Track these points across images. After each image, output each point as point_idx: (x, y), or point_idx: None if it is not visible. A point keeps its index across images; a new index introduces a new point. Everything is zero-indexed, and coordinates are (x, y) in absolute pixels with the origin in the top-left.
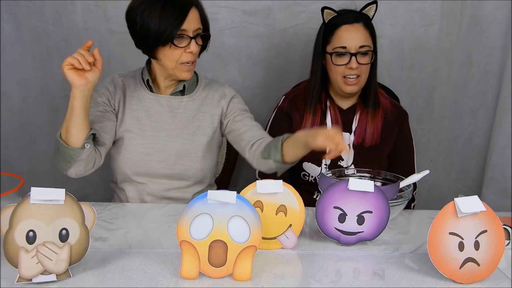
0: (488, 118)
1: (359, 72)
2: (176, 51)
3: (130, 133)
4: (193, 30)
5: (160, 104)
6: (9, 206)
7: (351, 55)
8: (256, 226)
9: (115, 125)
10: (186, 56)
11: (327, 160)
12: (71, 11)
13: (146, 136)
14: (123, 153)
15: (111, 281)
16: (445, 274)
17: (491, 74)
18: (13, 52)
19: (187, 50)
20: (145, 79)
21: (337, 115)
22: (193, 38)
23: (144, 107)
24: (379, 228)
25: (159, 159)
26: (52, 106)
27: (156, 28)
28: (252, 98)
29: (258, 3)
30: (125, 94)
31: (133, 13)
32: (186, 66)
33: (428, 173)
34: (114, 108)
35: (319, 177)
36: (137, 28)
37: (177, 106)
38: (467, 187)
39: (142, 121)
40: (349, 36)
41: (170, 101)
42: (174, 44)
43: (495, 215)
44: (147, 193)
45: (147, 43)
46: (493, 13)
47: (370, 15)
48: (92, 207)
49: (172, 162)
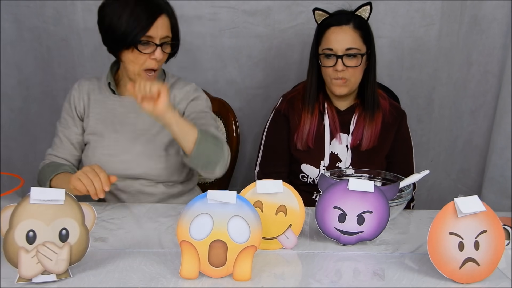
0: (488, 118)
1: (346, 75)
2: (140, 56)
3: (95, 136)
4: (160, 37)
5: (123, 105)
6: (9, 206)
7: (337, 58)
8: (256, 226)
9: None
10: (150, 62)
11: (325, 162)
12: (72, 11)
13: (111, 138)
14: (89, 156)
15: (111, 281)
16: (445, 274)
17: (491, 74)
18: (13, 52)
19: (152, 56)
20: (108, 82)
21: (334, 116)
22: (159, 46)
23: (107, 110)
24: (379, 228)
25: (122, 160)
26: (53, 106)
27: (122, 30)
28: (252, 98)
29: (258, 3)
30: (90, 98)
31: (105, 10)
32: (148, 75)
33: (428, 173)
34: (79, 115)
35: (319, 177)
36: (105, 26)
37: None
38: (467, 187)
39: (106, 124)
40: (335, 38)
41: (133, 103)
42: (138, 50)
43: (495, 215)
44: (121, 191)
45: (112, 43)
46: (493, 13)
47: (364, 16)
48: (92, 207)
49: (135, 163)
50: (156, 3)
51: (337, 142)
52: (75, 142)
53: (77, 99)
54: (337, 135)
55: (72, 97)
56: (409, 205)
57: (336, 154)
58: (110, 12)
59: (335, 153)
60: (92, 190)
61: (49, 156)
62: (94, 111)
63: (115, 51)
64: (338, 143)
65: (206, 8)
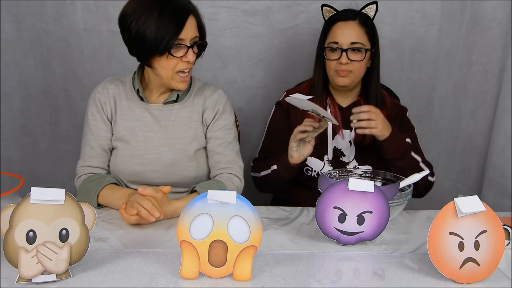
0: (488, 118)
1: (351, 68)
2: (172, 60)
3: (123, 143)
4: (190, 38)
5: (151, 113)
6: (9, 206)
7: (342, 51)
8: (256, 226)
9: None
10: (182, 64)
11: (329, 156)
12: (71, 11)
13: (140, 146)
14: (118, 164)
15: (111, 281)
16: (445, 274)
17: (491, 74)
18: (13, 52)
19: (184, 59)
20: (136, 89)
21: (337, 113)
22: (190, 47)
23: (135, 117)
24: (379, 228)
25: (153, 169)
26: (53, 106)
27: (152, 37)
28: (252, 98)
29: (258, 3)
30: (116, 102)
31: (128, 19)
32: (181, 77)
33: (428, 173)
34: (108, 118)
35: (319, 177)
36: (132, 35)
37: (169, 115)
38: (467, 187)
39: (135, 131)
40: (341, 32)
41: (161, 110)
42: (171, 54)
43: (495, 215)
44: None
45: (142, 51)
46: (493, 13)
47: (370, 15)
48: (92, 207)
49: (166, 172)
50: (183, 5)
51: (339, 138)
52: (107, 149)
53: (103, 102)
54: (339, 131)
55: (98, 101)
56: (430, 183)
57: (339, 149)
58: (135, 20)
59: (338, 148)
60: (144, 213)
61: (83, 168)
62: (121, 117)
63: (145, 59)
64: (341, 138)
65: (206, 8)
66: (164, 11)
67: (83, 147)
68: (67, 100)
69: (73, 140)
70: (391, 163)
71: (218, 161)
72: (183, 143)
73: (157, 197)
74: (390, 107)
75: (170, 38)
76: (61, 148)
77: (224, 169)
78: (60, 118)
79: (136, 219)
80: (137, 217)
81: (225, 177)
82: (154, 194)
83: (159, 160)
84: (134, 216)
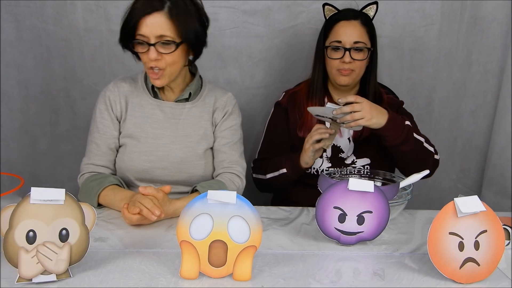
0: (488, 118)
1: (353, 67)
2: (143, 56)
3: (132, 139)
4: (155, 36)
5: (162, 111)
6: (9, 206)
7: (345, 50)
8: (256, 226)
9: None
10: (150, 61)
11: (328, 153)
12: (71, 11)
13: (149, 143)
14: (126, 160)
15: (111, 281)
16: (445, 274)
17: (491, 74)
18: (13, 52)
19: (147, 56)
20: (150, 85)
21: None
22: (151, 45)
23: (146, 114)
24: (379, 228)
25: (162, 166)
26: (53, 106)
27: (121, 28)
28: (252, 98)
29: (258, 3)
30: (127, 101)
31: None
32: (152, 73)
33: (428, 173)
34: (117, 117)
35: (319, 177)
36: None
37: (180, 113)
38: (467, 187)
39: (144, 128)
40: (344, 31)
41: (173, 108)
42: (133, 48)
43: (495, 215)
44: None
45: (121, 41)
46: (493, 13)
47: (370, 15)
48: (92, 207)
49: (174, 169)
50: (154, 1)
51: (338, 136)
52: (114, 147)
53: (113, 101)
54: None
55: (108, 99)
56: (437, 161)
57: (338, 147)
58: (127, 12)
59: (337, 145)
60: (146, 211)
61: (87, 166)
62: (132, 114)
63: (131, 52)
64: (339, 137)
65: (206, 8)
66: (135, 4)
67: (89, 144)
68: (67, 100)
69: (73, 140)
70: (395, 149)
71: (222, 160)
72: (192, 142)
73: (158, 197)
74: (386, 101)
75: (129, 32)
76: (61, 148)
77: (227, 168)
78: (60, 118)
79: (138, 218)
80: (139, 217)
81: (227, 176)
82: (155, 194)
83: (168, 157)
84: (136, 215)
